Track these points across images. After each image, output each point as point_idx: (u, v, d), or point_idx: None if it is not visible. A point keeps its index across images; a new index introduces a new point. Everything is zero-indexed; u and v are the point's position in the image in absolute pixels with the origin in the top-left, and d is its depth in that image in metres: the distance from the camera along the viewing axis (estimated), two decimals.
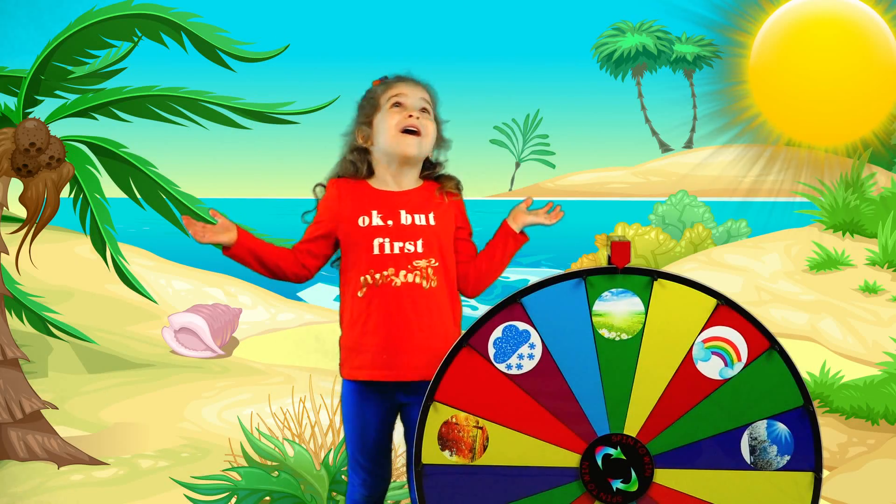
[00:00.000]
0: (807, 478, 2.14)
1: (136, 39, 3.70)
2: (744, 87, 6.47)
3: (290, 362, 3.56)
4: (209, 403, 3.82)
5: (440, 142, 2.32)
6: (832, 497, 3.11)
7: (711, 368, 2.16)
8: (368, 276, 2.19)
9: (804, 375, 2.19)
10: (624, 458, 2.16)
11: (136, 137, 3.99)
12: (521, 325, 2.18)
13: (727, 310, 2.15)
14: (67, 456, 3.24)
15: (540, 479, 2.18)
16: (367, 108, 2.29)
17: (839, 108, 6.10)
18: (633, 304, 2.18)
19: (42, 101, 3.72)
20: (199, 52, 3.70)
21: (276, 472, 2.76)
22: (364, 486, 2.28)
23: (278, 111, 3.77)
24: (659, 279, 2.16)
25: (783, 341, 2.17)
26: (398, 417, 2.28)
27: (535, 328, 2.18)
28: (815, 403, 2.36)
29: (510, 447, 2.17)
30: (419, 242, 2.21)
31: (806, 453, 2.14)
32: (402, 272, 2.19)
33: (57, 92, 3.75)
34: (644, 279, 2.17)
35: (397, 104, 2.24)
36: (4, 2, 5.96)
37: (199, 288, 5.46)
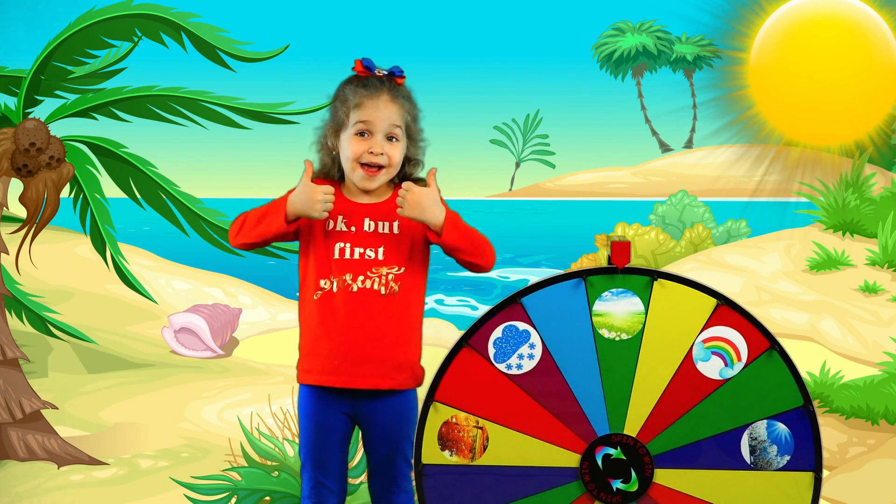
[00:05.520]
0: (807, 478, 2.16)
1: (136, 39, 3.70)
2: (744, 86, 6.47)
3: (290, 362, 3.54)
4: (209, 403, 3.82)
5: (415, 150, 2.23)
6: (832, 497, 3.11)
7: (711, 368, 2.17)
8: (326, 281, 2.15)
9: (804, 375, 2.19)
10: (624, 458, 2.17)
11: (136, 137, 3.98)
12: (521, 325, 2.19)
13: (727, 310, 2.16)
14: (67, 456, 3.24)
15: (540, 479, 2.19)
16: (338, 116, 2.19)
17: (839, 108, 6.10)
18: (633, 304, 2.18)
19: (42, 101, 3.72)
20: (199, 52, 3.70)
21: (276, 472, 2.76)
22: (315, 494, 2.18)
23: (278, 111, 3.77)
24: (659, 279, 2.17)
25: (783, 341, 2.17)
26: (354, 431, 2.23)
27: (535, 328, 2.18)
28: (815, 403, 2.38)
29: (510, 447, 2.18)
30: (380, 249, 2.15)
31: (806, 453, 2.16)
32: (360, 278, 2.14)
33: (57, 92, 3.75)
34: (644, 279, 2.17)
35: (362, 132, 2.14)
36: (4, 2, 5.96)
37: (199, 288, 5.46)
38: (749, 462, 2.17)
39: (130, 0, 3.65)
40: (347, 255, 2.15)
